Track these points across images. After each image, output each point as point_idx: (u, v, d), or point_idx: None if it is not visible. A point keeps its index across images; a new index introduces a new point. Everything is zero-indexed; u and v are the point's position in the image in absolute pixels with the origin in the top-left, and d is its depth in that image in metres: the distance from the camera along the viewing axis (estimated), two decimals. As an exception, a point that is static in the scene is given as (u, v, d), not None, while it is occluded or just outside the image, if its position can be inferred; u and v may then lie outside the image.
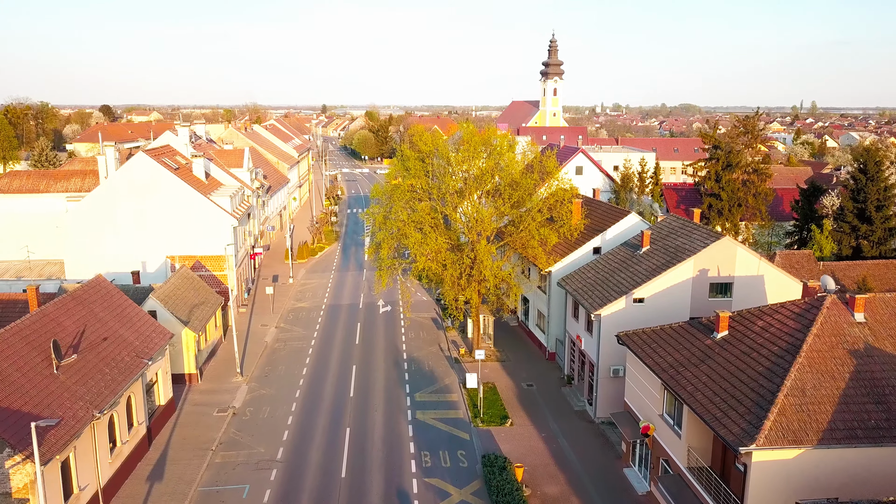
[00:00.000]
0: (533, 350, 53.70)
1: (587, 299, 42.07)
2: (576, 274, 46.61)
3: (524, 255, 49.33)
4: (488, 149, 47.11)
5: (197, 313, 49.56)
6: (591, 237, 49.75)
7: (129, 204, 59.56)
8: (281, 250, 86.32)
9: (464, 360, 51.22)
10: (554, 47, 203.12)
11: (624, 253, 45.36)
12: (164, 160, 61.72)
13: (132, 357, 36.98)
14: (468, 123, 51.83)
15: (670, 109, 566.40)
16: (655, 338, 34.09)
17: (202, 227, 60.70)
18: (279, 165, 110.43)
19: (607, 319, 40.15)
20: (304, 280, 76.16)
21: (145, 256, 60.79)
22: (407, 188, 46.16)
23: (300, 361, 51.86)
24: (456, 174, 46.80)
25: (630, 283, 41.01)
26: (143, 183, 59.48)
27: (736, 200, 69.60)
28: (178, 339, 47.00)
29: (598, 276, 44.19)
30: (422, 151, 47.76)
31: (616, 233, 49.73)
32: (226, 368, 50.42)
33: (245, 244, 70.31)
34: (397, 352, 53.53)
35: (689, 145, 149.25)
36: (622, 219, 49.68)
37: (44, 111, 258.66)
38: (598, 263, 46.16)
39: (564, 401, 44.89)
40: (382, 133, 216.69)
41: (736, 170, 70.18)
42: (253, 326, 60.25)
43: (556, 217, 48.65)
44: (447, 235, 48.13)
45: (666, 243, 43.06)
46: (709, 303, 40.27)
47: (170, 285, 49.96)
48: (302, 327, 59.99)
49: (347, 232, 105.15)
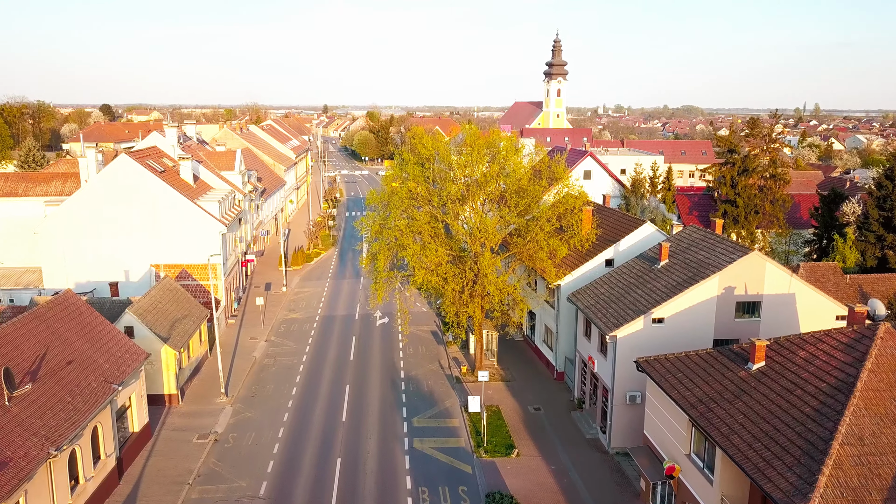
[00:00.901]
0: (539, 368, 50.15)
1: (601, 318, 38.52)
2: (588, 289, 43.07)
3: (531, 267, 45.80)
4: (493, 152, 43.59)
5: (179, 328, 46.05)
6: (603, 248, 46.21)
7: (111, 209, 56.11)
8: (275, 256, 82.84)
9: (466, 379, 47.67)
10: (558, 47, 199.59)
11: (640, 267, 41.82)
12: (148, 162, 58.26)
13: (100, 382, 33.45)
14: (471, 125, 48.28)
15: (672, 111, 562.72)
16: (681, 366, 30.54)
17: (188, 234, 57.25)
18: (275, 167, 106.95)
19: (624, 341, 36.60)
20: (298, 288, 72.65)
21: (128, 265, 57.35)
22: (405, 194, 42.62)
23: (290, 380, 48.34)
24: (458, 180, 43.29)
25: (648, 300, 37.47)
26: (125, 187, 56.01)
27: (752, 207, 66.07)
28: (157, 358, 43.49)
29: (613, 292, 40.64)
30: (421, 155, 44.23)
31: (630, 244, 46.20)
32: (210, 387, 46.91)
33: (236, 251, 66.84)
34: (394, 369, 50.00)
35: (697, 148, 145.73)
36: (637, 228, 46.13)
37: (40, 110, 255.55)
38: (611, 278, 42.61)
39: (575, 427, 41.34)
40: (383, 134, 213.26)
41: (752, 175, 66.67)
42: (242, 340, 56.73)
43: (566, 226, 45.10)
44: (448, 245, 44.61)
45: (686, 257, 39.52)
46: (735, 324, 36.76)
47: (149, 298, 46.45)
48: (294, 341, 56.46)
49: (345, 236, 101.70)
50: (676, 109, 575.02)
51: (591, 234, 44.39)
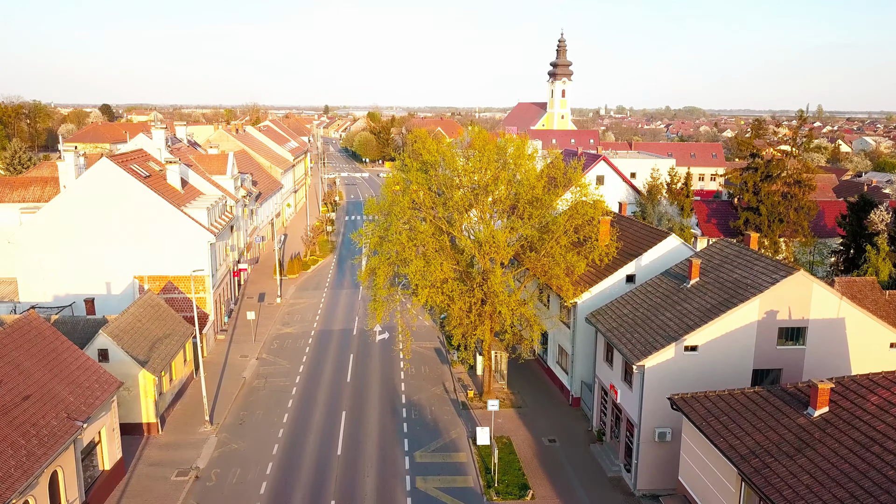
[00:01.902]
0: (553, 393, 46.15)
1: (626, 344, 34.54)
2: (609, 309, 39.09)
3: (546, 283, 41.82)
4: (502, 157, 39.59)
5: (160, 350, 42.12)
6: (623, 263, 42.24)
7: (92, 217, 52.19)
8: (270, 264, 78.86)
9: (473, 405, 43.69)
10: (562, 47, 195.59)
11: (667, 285, 37.85)
12: (132, 167, 54.32)
13: (62, 420, 29.52)
14: (478, 128, 44.27)
15: (675, 112, 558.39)
16: (724, 407, 26.56)
17: (174, 244, 53.31)
18: (272, 170, 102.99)
19: (653, 371, 32.64)
20: (294, 299, 68.70)
21: (110, 276, 53.41)
22: (407, 204, 38.63)
23: (281, 405, 44.38)
24: (465, 188, 39.31)
25: (678, 325, 33.50)
26: (106, 193, 52.07)
27: (776, 215, 62.06)
28: (135, 383, 39.56)
29: (638, 314, 36.66)
30: (425, 161, 40.27)
31: (653, 258, 42.26)
32: (194, 413, 42.95)
33: (227, 260, 62.89)
34: (395, 393, 46.03)
35: (707, 150, 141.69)
36: (660, 241, 42.17)
37: (37, 110, 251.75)
38: (635, 297, 38.64)
39: (594, 463, 37.35)
40: (384, 135, 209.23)
41: (776, 181, 62.67)
42: (231, 358, 52.77)
43: (583, 238, 41.08)
44: (454, 259, 40.62)
45: (720, 275, 35.55)
46: (777, 352, 32.81)
47: (128, 317, 42.51)
48: (287, 359, 52.50)
49: (344, 242, 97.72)
50: (678, 111, 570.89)
51: (611, 248, 40.38)
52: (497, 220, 40.88)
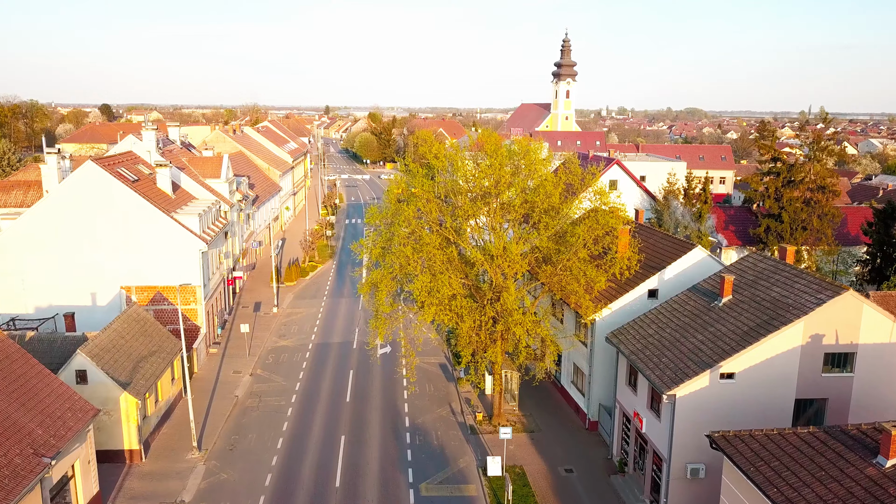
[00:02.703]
0: (568, 415, 42.99)
1: (653, 369, 31.38)
2: (632, 328, 35.94)
3: (560, 298, 38.67)
4: (515, 162, 36.40)
5: (145, 369, 38.98)
6: (645, 277, 39.09)
7: (76, 223, 49.11)
8: (267, 270, 75.70)
9: (482, 429, 40.53)
10: (567, 47, 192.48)
11: (695, 303, 34.70)
12: (120, 170, 51.23)
13: (27, 457, 26.40)
14: (488, 130, 41.07)
15: (676, 113, 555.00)
16: (774, 449, 23.41)
17: (164, 253, 50.20)
18: (270, 172, 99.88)
19: (685, 402, 29.50)
20: (291, 308, 65.56)
21: (95, 287, 50.28)
22: (412, 213, 35.47)
23: (276, 427, 41.24)
24: (475, 194, 36.12)
25: (712, 349, 30.36)
26: (91, 198, 48.98)
27: (799, 222, 58.92)
28: (116, 407, 36.43)
29: (664, 335, 33.51)
30: (432, 166, 37.13)
31: (677, 271, 39.13)
32: (181, 437, 39.82)
33: (221, 268, 59.77)
34: (397, 415, 42.86)
35: (715, 153, 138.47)
36: (685, 254, 39.03)
37: (34, 109, 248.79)
38: (660, 315, 35.49)
39: (616, 497, 34.18)
40: (385, 136, 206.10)
41: (799, 186, 59.54)
42: (223, 373, 49.64)
43: (603, 250, 37.88)
44: (463, 272, 37.45)
45: (756, 293, 32.40)
46: (822, 380, 29.68)
47: (110, 333, 39.37)
48: (282, 375, 49.35)
49: (344, 247, 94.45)
50: (680, 112, 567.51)
51: (632, 261, 37.18)
52: (509, 230, 37.69)
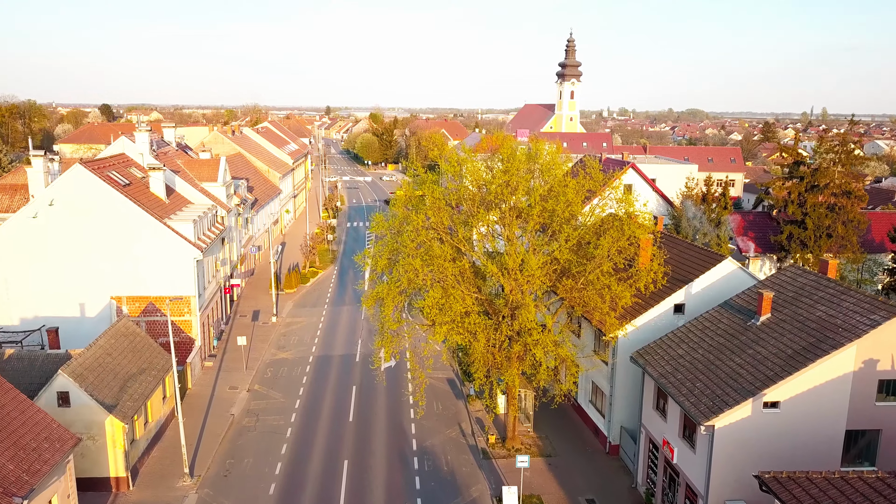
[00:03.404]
0: (586, 437, 40.23)
1: (687, 396, 28.64)
2: (659, 347, 33.21)
3: (585, 316, 35.92)
4: (534, 166, 33.67)
5: (133, 389, 36.26)
6: (671, 290, 36.30)
7: (63, 230, 46.49)
8: (266, 276, 72.93)
9: (495, 453, 37.78)
10: (571, 47, 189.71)
11: (729, 321, 31.96)
12: (110, 174, 48.55)
13: (-6, 497, 23.70)
14: (501, 133, 38.35)
15: (678, 114, 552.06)
16: (837, 496, 20.65)
17: (156, 261, 47.55)
18: (270, 174, 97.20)
19: (725, 433, 26.76)
20: (291, 318, 62.84)
21: (84, 297, 47.64)
22: (421, 222, 32.71)
23: (274, 450, 38.51)
24: (491, 203, 33.35)
25: (752, 374, 27.62)
26: (80, 203, 46.35)
27: (824, 229, 56.14)
28: (101, 432, 33.73)
29: (697, 356, 30.77)
30: (443, 171, 34.40)
31: (705, 284, 36.37)
32: (172, 462, 37.09)
33: (217, 276, 57.07)
34: (404, 437, 40.13)
35: (725, 155, 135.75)
36: (714, 266, 36.26)
37: (31, 109, 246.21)
38: (690, 333, 32.75)
39: (644, 532, 31.47)
40: (387, 137, 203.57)
41: (823, 191, 56.76)
42: (219, 389, 46.91)
43: (627, 262, 35.09)
44: (475, 286, 34.70)
45: (797, 312, 29.66)
46: (876, 409, 26.96)
47: (96, 350, 36.66)
48: (281, 391, 46.64)
49: (345, 251, 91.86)
50: (681, 113, 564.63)
51: (658, 274, 34.39)
52: (525, 241, 34.91)
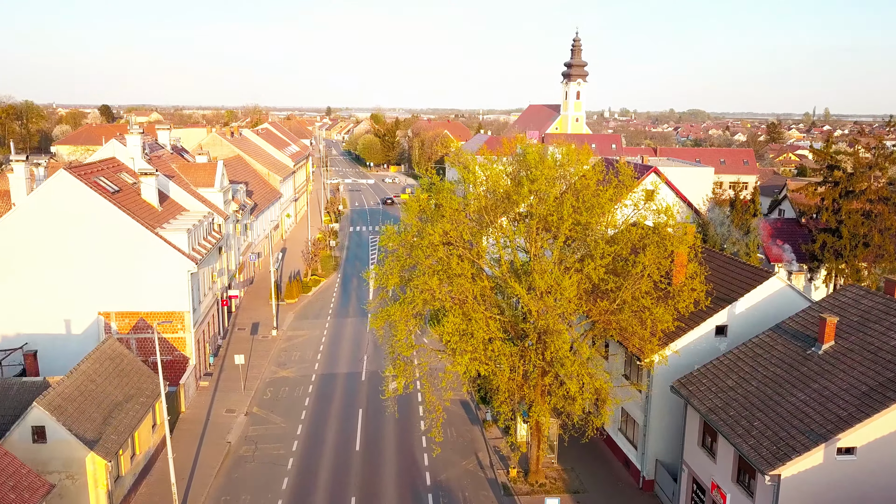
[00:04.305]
0: (615, 469, 36.72)
1: (745, 437, 25.16)
2: (703, 376, 29.75)
3: (620, 341, 32.43)
4: (563, 175, 30.16)
5: (118, 420, 32.81)
6: (712, 311, 32.83)
7: (47, 241, 43.17)
8: (266, 285, 69.46)
9: (517, 489, 34.28)
10: (577, 47, 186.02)
11: (784, 348, 28.50)
12: (98, 180, 45.17)
13: (-54, 565, 20.25)
14: (521, 137, 34.75)
15: (679, 115, 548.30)
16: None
17: (147, 274, 44.19)
18: (270, 177, 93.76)
19: (792, 483, 23.29)
20: (292, 330, 59.40)
21: (70, 313, 44.25)
22: (439, 236, 29.22)
23: (274, 485, 35.06)
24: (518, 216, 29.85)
25: (820, 413, 24.17)
26: (65, 212, 43.01)
27: (860, 238, 52.64)
28: (81, 470, 30.28)
29: (750, 389, 27.29)
30: (460, 179, 30.90)
31: (750, 304, 32.92)
32: (162, 499, 33.64)
33: (214, 287, 53.64)
34: (416, 469, 36.66)
35: (737, 156, 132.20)
36: (761, 284, 32.79)
37: (29, 110, 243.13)
38: (739, 361, 29.29)
39: (690, 586, 27.98)
40: (389, 138, 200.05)
41: (860, 197, 53.29)
42: (215, 412, 43.47)
43: (664, 279, 31.54)
44: (497, 305, 31.20)
45: (867, 340, 26.20)
46: (965, 455, 23.43)
47: (78, 376, 33.21)
48: (282, 415, 43.20)
49: (348, 257, 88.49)
50: (683, 113, 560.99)
51: (700, 293, 30.86)
52: (552, 256, 31.35)
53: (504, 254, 30.73)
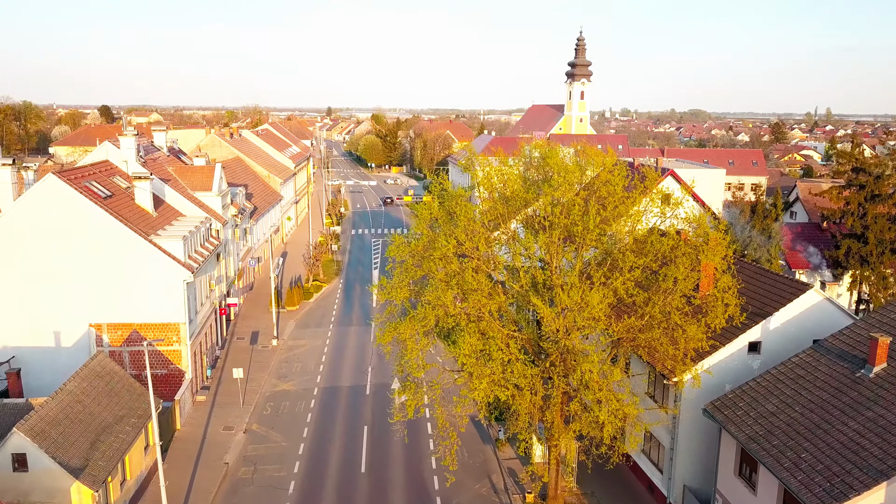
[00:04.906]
0: (639, 494, 34.42)
1: (793, 472, 22.84)
2: (738, 398, 27.45)
3: (649, 361, 30.12)
4: (587, 180, 27.89)
5: (106, 444, 30.54)
6: (744, 326, 30.55)
7: (35, 249, 41.01)
8: (266, 291, 67.17)
9: (535, 516, 32.06)
10: (581, 46, 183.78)
11: (830, 370, 26.20)
12: (90, 184, 42.95)
13: None
14: (542, 142, 32.41)
15: (680, 115, 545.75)
16: None
17: (141, 284, 42.03)
18: (270, 180, 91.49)
19: (849, 525, 20.99)
20: (293, 340, 57.12)
21: (59, 324, 42.09)
22: (453, 248, 26.92)
23: (274, 512, 32.82)
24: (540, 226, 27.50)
25: (878, 445, 21.87)
26: (53, 219, 40.83)
27: (887, 244, 50.38)
28: (66, 500, 28.00)
29: (794, 416, 24.98)
30: (476, 185, 28.63)
31: (784, 319, 30.63)
32: (154, 528, 31.42)
33: (211, 296, 51.38)
34: (426, 493, 34.39)
35: (746, 157, 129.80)
36: (797, 297, 30.50)
37: (27, 111, 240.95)
38: (779, 383, 26.99)
39: None
40: (391, 139, 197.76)
41: (887, 201, 51.05)
42: (212, 430, 41.17)
43: (693, 293, 29.23)
44: (514, 321, 28.91)
45: (923, 362, 23.90)
46: None
47: (64, 397, 30.95)
48: (282, 432, 40.93)
49: (351, 261, 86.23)
50: (684, 113, 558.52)
51: (734, 309, 28.50)
52: (574, 269, 29.04)
53: (522, 265, 28.35)
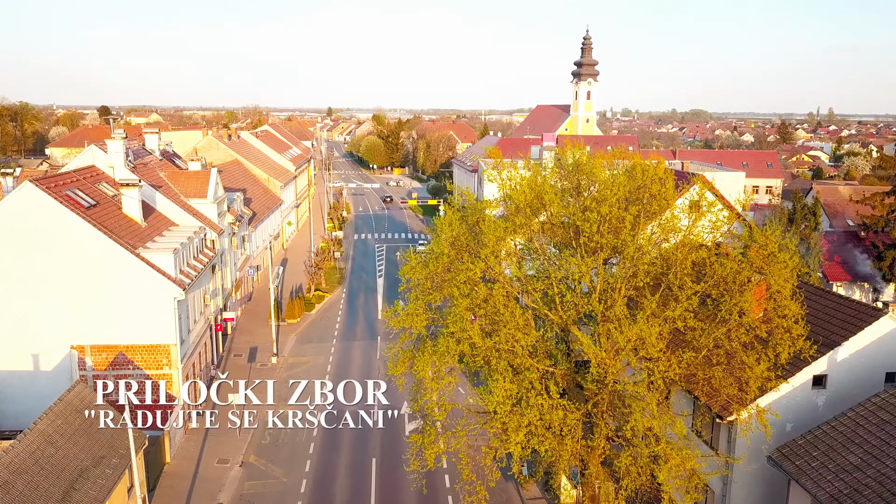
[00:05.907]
0: (684, 543, 30.70)
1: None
2: (812, 446, 23.70)
3: (705, 402, 26.35)
4: (640, 192, 24.15)
5: (83, 492, 26.78)
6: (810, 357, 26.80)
7: (11, 264, 37.27)
8: (265, 303, 63.31)
9: (569, 573, 28.31)
10: (588, 46, 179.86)
11: (922, 414, 22.45)
12: (73, 192, 39.24)
13: None
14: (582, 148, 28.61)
15: (682, 115, 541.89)
16: None
17: (128, 302, 38.25)
18: (270, 183, 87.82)
19: None
20: (294, 357, 53.43)
21: (38, 346, 38.27)
22: (479, 272, 23.19)
23: (274, 565, 29.09)
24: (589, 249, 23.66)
25: None
26: (31, 230, 37.10)
27: (934, 255, 46.72)
28: (32, 562, 24.28)
29: (886, 471, 21.23)
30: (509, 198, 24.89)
31: (854, 349, 26.92)
32: (137, 585, 27.66)
33: (206, 311, 47.67)
34: (445, 541, 30.73)
35: (760, 159, 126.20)
36: (869, 324, 26.77)
37: (23, 111, 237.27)
38: (858, 429, 23.23)
39: None
40: (393, 139, 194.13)
41: (933, 210, 47.38)
42: (205, 463, 37.48)
43: (750, 320, 25.41)
44: (549, 355, 25.18)
45: None
46: None
47: (33, 439, 27.17)
48: (282, 465, 37.23)
49: (354, 269, 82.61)
50: (685, 113, 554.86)
51: (806, 345, 24.71)
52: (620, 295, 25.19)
53: (556, 292, 24.54)
